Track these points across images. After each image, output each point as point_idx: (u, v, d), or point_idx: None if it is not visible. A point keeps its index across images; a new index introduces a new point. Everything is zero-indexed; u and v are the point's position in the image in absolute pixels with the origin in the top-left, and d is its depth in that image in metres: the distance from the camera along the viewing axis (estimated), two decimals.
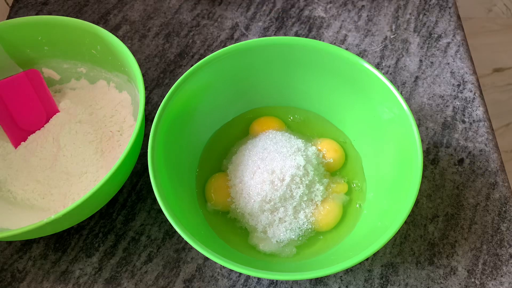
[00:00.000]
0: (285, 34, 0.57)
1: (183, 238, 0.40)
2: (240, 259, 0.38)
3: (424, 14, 0.58)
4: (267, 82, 0.45)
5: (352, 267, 0.41)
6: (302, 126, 0.47)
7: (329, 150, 0.43)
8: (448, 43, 0.56)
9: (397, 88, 0.52)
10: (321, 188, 0.41)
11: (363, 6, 0.60)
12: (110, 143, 0.45)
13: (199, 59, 0.55)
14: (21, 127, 0.46)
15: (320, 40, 0.56)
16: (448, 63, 0.54)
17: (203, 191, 0.43)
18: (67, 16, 0.52)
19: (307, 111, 0.47)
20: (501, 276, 0.40)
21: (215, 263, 0.41)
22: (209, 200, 0.42)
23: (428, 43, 0.56)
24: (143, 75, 0.53)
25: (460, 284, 0.40)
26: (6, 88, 0.45)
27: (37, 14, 0.60)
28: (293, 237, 0.40)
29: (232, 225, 0.42)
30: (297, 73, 0.44)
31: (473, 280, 0.40)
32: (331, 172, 0.44)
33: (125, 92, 0.48)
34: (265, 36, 0.57)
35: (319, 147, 0.44)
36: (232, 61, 0.42)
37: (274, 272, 0.32)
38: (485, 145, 0.48)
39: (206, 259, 0.42)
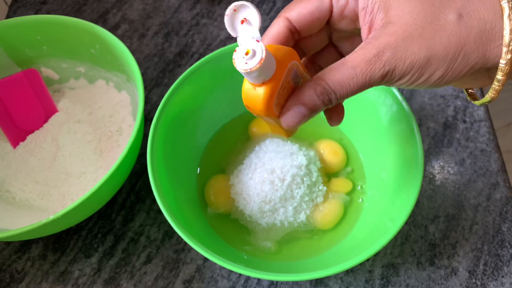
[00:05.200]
0: None
1: (182, 239, 0.40)
2: (240, 259, 0.38)
3: None
4: None
5: (352, 267, 0.40)
6: (302, 126, 0.47)
7: (330, 151, 0.43)
8: None
9: (398, 87, 0.51)
10: (324, 189, 0.41)
11: None
12: (109, 143, 0.45)
13: (199, 58, 0.54)
14: (19, 127, 0.46)
15: None
16: None
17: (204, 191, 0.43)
18: (66, 15, 0.52)
19: None
20: (502, 276, 0.40)
21: (215, 263, 0.41)
22: (210, 205, 0.42)
23: None
24: (142, 75, 0.53)
25: (461, 285, 0.40)
26: (4, 88, 0.45)
27: (36, 13, 0.60)
28: (294, 237, 0.40)
29: (233, 224, 0.41)
30: None
31: (474, 280, 0.40)
32: (332, 173, 0.44)
33: (124, 91, 0.47)
34: None
35: (320, 149, 0.43)
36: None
37: (274, 273, 0.32)
38: (486, 145, 0.47)
39: (206, 259, 0.42)
